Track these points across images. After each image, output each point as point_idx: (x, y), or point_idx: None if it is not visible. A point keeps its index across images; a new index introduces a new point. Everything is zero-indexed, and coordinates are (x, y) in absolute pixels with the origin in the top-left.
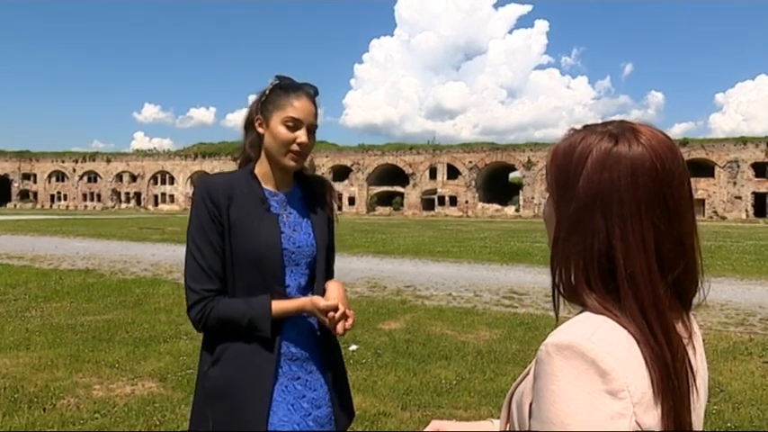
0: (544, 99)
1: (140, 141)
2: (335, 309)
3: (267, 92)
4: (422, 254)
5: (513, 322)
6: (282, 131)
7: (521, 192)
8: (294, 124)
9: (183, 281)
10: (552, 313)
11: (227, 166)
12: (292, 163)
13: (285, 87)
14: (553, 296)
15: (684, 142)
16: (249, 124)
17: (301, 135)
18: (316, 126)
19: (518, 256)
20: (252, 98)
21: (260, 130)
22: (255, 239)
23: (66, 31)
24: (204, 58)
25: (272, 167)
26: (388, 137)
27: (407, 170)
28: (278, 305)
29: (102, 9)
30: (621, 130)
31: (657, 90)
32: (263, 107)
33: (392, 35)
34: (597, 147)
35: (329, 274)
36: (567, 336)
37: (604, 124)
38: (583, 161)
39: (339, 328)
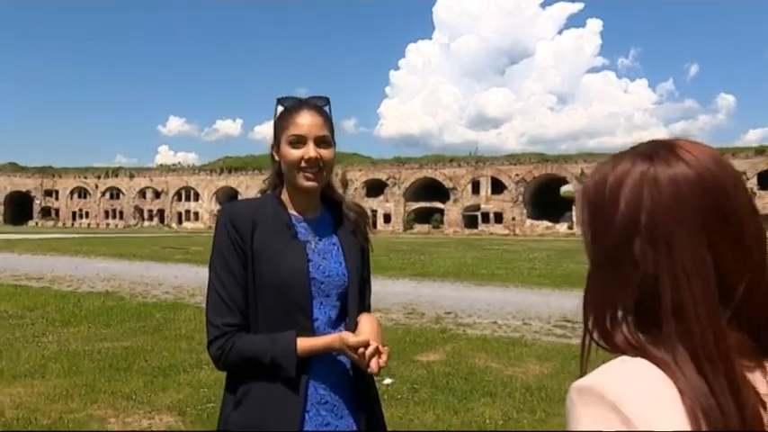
0: (598, 105)
1: (165, 155)
2: (366, 345)
3: (275, 119)
4: (464, 277)
5: (567, 355)
6: (289, 151)
7: (573, 207)
8: (298, 140)
9: (205, 305)
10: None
11: (253, 181)
12: (307, 183)
13: (288, 108)
14: (582, 346)
15: (761, 150)
16: (272, 159)
17: (308, 149)
18: (327, 137)
19: (572, 280)
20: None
21: (276, 157)
22: (280, 266)
23: (89, 43)
24: (231, 68)
25: (295, 192)
26: (427, 148)
27: (448, 184)
28: (304, 342)
29: (127, 21)
30: (655, 149)
31: (728, 92)
32: (274, 135)
33: (430, 39)
34: (632, 171)
35: (364, 308)
36: (589, 378)
37: (633, 148)
38: (617, 189)
39: (372, 365)
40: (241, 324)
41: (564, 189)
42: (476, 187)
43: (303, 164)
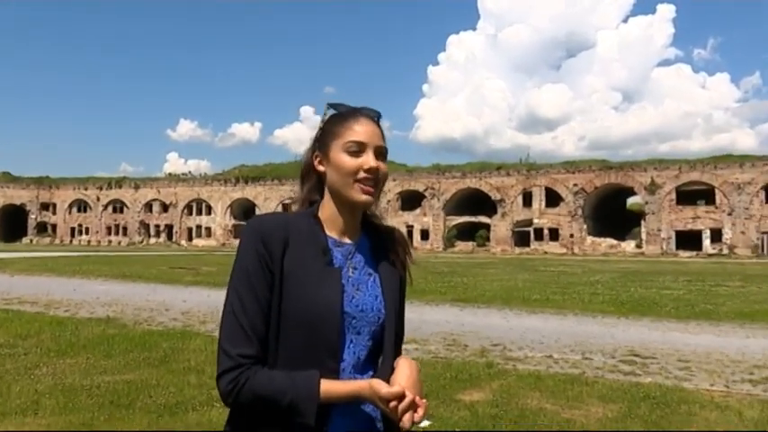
0: (671, 103)
1: (174, 164)
2: (402, 397)
3: (322, 124)
4: (513, 302)
5: (635, 395)
6: (345, 159)
7: (642, 222)
8: (358, 148)
9: (219, 330)
10: (688, 385)
11: (273, 192)
12: (364, 196)
13: (341, 114)
14: None
15: None
16: (307, 171)
17: (368, 159)
18: (385, 149)
19: (640, 307)
20: (306, 141)
21: (320, 168)
22: (311, 295)
23: (91, 40)
24: (248, 66)
25: (339, 209)
26: (470, 154)
27: (495, 196)
28: (329, 386)
29: (132, 15)
30: None
31: None
32: (319, 143)
33: (474, 29)
34: None
35: (400, 350)
36: None
37: None
38: None
39: (406, 420)
40: (258, 356)
41: (631, 201)
42: (527, 199)
43: (362, 174)
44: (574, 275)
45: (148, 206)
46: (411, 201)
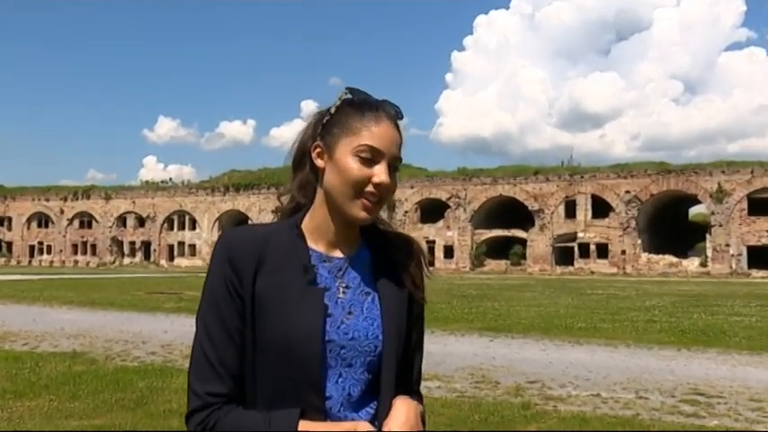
0: (742, 94)
1: (151, 170)
2: None
3: (333, 109)
4: (554, 332)
5: None
6: (353, 165)
7: (707, 236)
8: (372, 156)
9: (188, 365)
10: (761, 428)
11: (269, 202)
12: (364, 213)
13: (360, 105)
14: None
15: None
16: (301, 156)
17: (380, 172)
18: (400, 160)
19: (705, 337)
20: (307, 117)
21: (318, 162)
22: (287, 324)
23: (51, 28)
24: (239, 53)
25: (331, 218)
26: (503, 156)
27: (531, 205)
28: (309, 428)
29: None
30: None
31: None
32: (324, 130)
33: (507, 8)
34: None
35: (408, 386)
36: None
37: None
38: None
39: None
40: (230, 394)
41: (694, 211)
42: (570, 209)
43: (370, 188)
44: (626, 299)
45: (122, 220)
46: (432, 212)
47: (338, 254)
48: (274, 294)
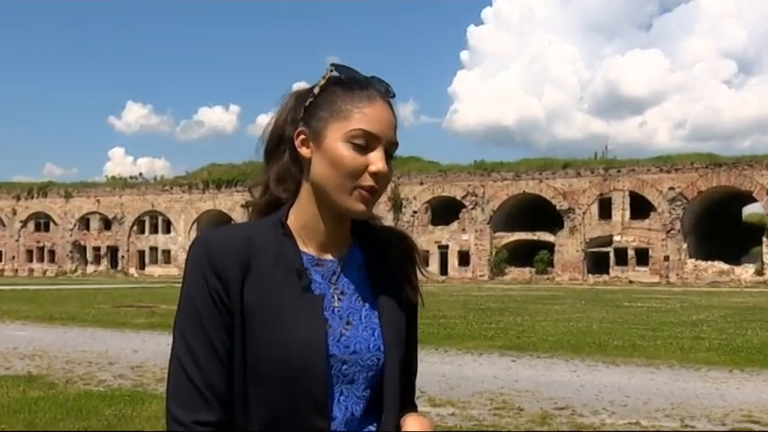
0: None
1: (119, 163)
2: None
3: (317, 89)
4: (586, 351)
5: None
6: (346, 152)
7: (765, 239)
8: (366, 142)
9: (165, 389)
10: None
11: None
12: (361, 206)
13: (348, 83)
14: None
15: None
16: (277, 143)
17: (377, 159)
18: (396, 146)
19: (761, 356)
20: (283, 97)
21: (303, 150)
22: (284, 339)
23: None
24: (220, 28)
25: (321, 215)
26: (527, 148)
27: (560, 204)
28: None
29: None
30: None
31: None
32: (308, 114)
33: None
34: None
35: (409, 400)
36: None
37: None
38: None
39: None
40: (221, 422)
41: (749, 211)
42: (605, 208)
43: (365, 179)
44: (670, 313)
45: (84, 222)
46: (445, 212)
47: (330, 256)
48: (266, 304)
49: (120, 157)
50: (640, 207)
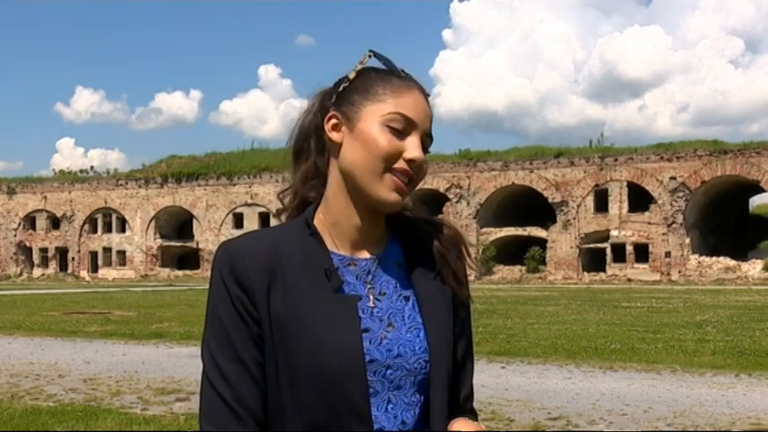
0: None
1: (68, 156)
2: None
3: (352, 73)
4: (582, 355)
5: None
6: (382, 135)
7: None
8: (404, 126)
9: (198, 408)
10: None
11: (218, 196)
12: (394, 195)
13: (386, 71)
14: None
15: None
16: (304, 142)
17: (414, 146)
18: (431, 140)
19: None
20: (310, 97)
21: (334, 135)
22: (317, 344)
23: None
24: (182, 7)
25: (353, 208)
26: (517, 135)
27: (552, 197)
28: None
29: None
30: None
31: None
32: (341, 98)
33: None
34: None
35: (461, 407)
36: None
37: None
38: None
39: None
40: None
41: (757, 201)
42: (601, 200)
43: (400, 163)
44: (672, 314)
45: (30, 221)
46: (427, 206)
47: (365, 254)
48: (296, 312)
49: (70, 149)
50: (639, 199)
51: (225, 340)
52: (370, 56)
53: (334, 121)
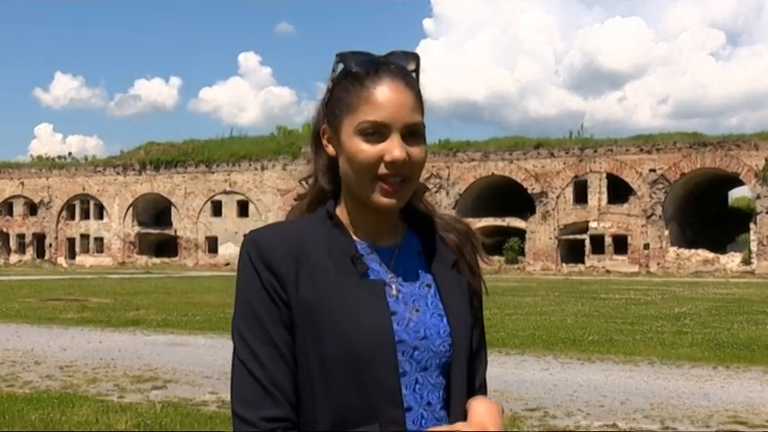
0: None
1: (46, 142)
2: None
3: (330, 84)
4: (560, 347)
5: None
6: (359, 146)
7: (752, 226)
8: (375, 131)
9: (230, 392)
10: None
11: (197, 183)
12: (384, 199)
13: (356, 73)
14: None
15: None
16: (318, 140)
17: (391, 148)
18: (419, 126)
19: (748, 352)
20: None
21: (329, 149)
22: (349, 327)
23: None
24: None
25: (360, 208)
26: (497, 126)
27: (531, 188)
28: None
29: None
30: None
31: None
32: (328, 112)
33: None
34: None
35: (475, 386)
36: None
37: None
38: None
39: None
40: (290, 419)
41: (736, 194)
42: (581, 192)
43: (383, 169)
44: (650, 305)
45: (7, 207)
46: None
47: (384, 243)
48: (325, 296)
49: (48, 135)
50: (619, 191)
51: (256, 324)
52: (337, 60)
53: (327, 135)
